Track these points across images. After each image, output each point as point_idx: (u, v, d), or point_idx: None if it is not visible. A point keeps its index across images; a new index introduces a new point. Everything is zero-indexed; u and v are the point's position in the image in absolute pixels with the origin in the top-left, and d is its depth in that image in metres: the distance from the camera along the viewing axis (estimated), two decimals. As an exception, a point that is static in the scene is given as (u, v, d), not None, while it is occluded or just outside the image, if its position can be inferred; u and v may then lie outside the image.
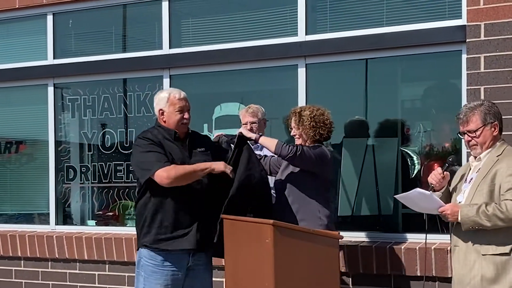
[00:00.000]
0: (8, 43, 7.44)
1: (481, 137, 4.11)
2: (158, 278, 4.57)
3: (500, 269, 3.97)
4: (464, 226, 3.97)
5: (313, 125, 4.87)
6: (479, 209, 3.92)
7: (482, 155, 4.14)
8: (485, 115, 4.10)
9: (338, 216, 6.07)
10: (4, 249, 6.96)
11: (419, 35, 5.56)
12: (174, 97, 4.64)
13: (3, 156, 7.51)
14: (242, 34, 6.31)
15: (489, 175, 4.02)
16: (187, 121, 4.65)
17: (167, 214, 4.57)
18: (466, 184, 4.17)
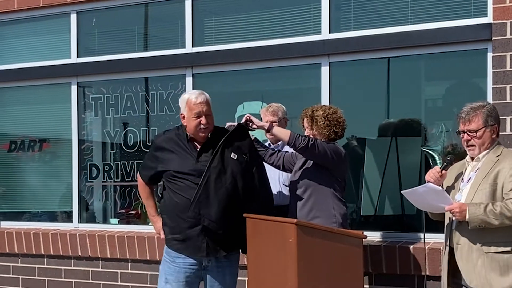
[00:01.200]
0: (32, 42, 7.48)
1: (481, 138, 4.15)
2: (171, 273, 4.61)
3: (502, 267, 4.01)
4: (472, 224, 3.99)
5: (327, 124, 4.86)
6: (486, 207, 3.95)
7: (481, 155, 4.18)
8: (487, 117, 4.15)
9: (361, 215, 6.04)
10: (27, 247, 7.00)
11: (444, 33, 5.52)
12: (191, 101, 4.54)
13: (27, 154, 7.56)
14: (265, 32, 6.29)
15: (491, 174, 4.07)
16: (204, 126, 4.52)
17: (171, 216, 4.60)
18: (464, 183, 4.22)
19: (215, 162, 4.47)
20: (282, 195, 5.52)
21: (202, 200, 4.43)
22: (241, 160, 4.56)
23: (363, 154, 6.04)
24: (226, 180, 4.48)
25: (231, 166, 4.51)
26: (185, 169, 4.50)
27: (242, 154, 4.59)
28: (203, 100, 4.54)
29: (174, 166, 4.54)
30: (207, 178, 4.43)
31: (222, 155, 4.50)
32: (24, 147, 7.53)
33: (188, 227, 4.50)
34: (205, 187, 4.44)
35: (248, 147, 4.69)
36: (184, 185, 4.49)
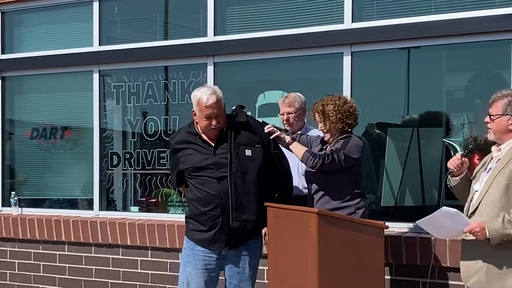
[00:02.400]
0: (54, 30, 7.50)
1: (495, 124, 4.10)
2: (191, 261, 4.66)
3: (507, 263, 3.95)
4: (494, 241, 3.92)
5: (339, 118, 4.81)
6: (503, 219, 3.88)
7: (503, 146, 4.12)
8: (507, 105, 4.08)
9: (381, 206, 6.02)
10: (48, 233, 7.05)
11: (468, 23, 5.47)
12: (202, 103, 4.53)
13: (49, 142, 7.59)
14: (287, 21, 6.26)
15: (508, 168, 4.00)
16: (214, 127, 4.54)
17: (193, 209, 4.66)
18: (484, 173, 4.16)
19: (234, 166, 4.50)
20: (301, 185, 5.52)
21: (239, 207, 4.50)
22: (256, 153, 4.59)
23: (384, 144, 6.01)
24: (252, 178, 4.55)
25: (250, 164, 4.55)
26: (204, 163, 4.55)
27: (255, 145, 4.61)
28: (214, 102, 4.51)
29: (192, 162, 4.59)
30: (234, 184, 4.48)
31: (238, 157, 4.53)
32: (45, 135, 7.56)
33: (207, 220, 4.56)
34: (236, 194, 4.49)
35: (260, 136, 4.69)
36: (205, 180, 4.54)
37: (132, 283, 6.66)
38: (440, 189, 5.76)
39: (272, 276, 4.61)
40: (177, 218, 6.47)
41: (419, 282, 5.52)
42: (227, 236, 4.52)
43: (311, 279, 4.11)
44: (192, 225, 4.66)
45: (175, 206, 6.68)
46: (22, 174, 7.75)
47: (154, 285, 6.60)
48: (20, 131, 7.73)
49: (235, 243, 4.57)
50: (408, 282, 5.55)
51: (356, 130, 5.88)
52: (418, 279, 5.51)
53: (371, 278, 4.27)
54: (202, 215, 4.57)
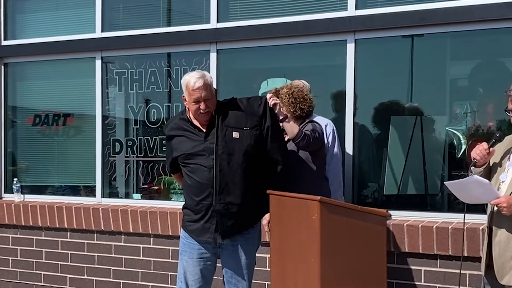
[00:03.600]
0: (57, 16, 7.49)
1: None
2: (186, 251, 4.66)
3: None
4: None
5: (292, 101, 4.97)
6: None
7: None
8: None
9: (384, 194, 6.01)
10: (51, 220, 7.05)
11: (471, 11, 5.44)
12: (190, 86, 4.48)
13: (51, 129, 7.59)
14: (290, 8, 6.23)
15: None
16: (204, 111, 4.48)
17: (186, 197, 4.69)
18: (510, 163, 4.02)
19: (220, 148, 4.46)
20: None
21: (223, 189, 4.45)
22: (244, 136, 4.52)
23: (387, 132, 5.99)
24: (238, 161, 4.48)
25: (237, 146, 4.49)
26: (195, 150, 4.52)
27: (244, 127, 4.54)
28: (201, 85, 4.45)
29: (184, 149, 4.57)
30: (219, 166, 4.44)
31: (224, 139, 4.48)
32: (48, 121, 7.56)
33: (199, 210, 4.54)
34: (221, 176, 4.44)
35: (251, 117, 4.59)
36: (196, 167, 4.52)
37: (134, 270, 6.67)
38: (443, 177, 5.76)
39: (274, 264, 4.61)
40: (179, 206, 6.40)
41: (421, 270, 5.52)
42: (217, 225, 4.50)
43: (313, 266, 4.11)
44: (186, 216, 4.66)
45: (177, 193, 6.67)
46: (24, 161, 7.75)
47: (156, 272, 6.61)
48: (22, 118, 7.73)
49: (228, 232, 4.54)
50: (410, 270, 5.56)
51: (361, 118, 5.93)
52: (420, 267, 5.52)
53: (373, 266, 4.27)
54: (195, 204, 4.56)
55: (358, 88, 5.94)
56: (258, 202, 4.57)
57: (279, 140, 4.70)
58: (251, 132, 4.53)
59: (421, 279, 5.54)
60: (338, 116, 6.04)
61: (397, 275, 5.60)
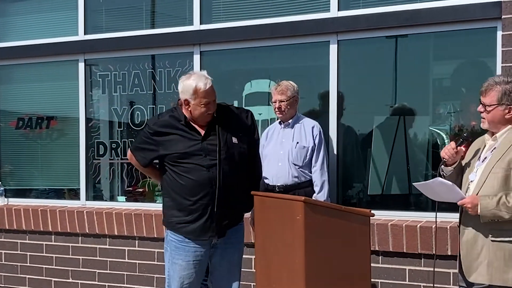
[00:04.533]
0: (39, 19, 7.46)
1: (490, 114, 4.03)
2: (181, 254, 4.60)
3: (508, 257, 3.92)
4: (483, 219, 3.91)
5: None
6: (499, 201, 3.85)
7: (498, 134, 4.05)
8: (502, 95, 4.00)
9: (368, 194, 6.04)
10: (35, 224, 7.03)
11: (454, 11, 5.48)
12: (200, 90, 4.41)
13: (34, 132, 7.56)
14: (273, 9, 6.25)
15: (506, 158, 3.93)
16: (210, 112, 4.48)
17: (177, 198, 4.56)
18: (479, 163, 4.09)
19: (223, 153, 4.46)
20: (291, 174, 5.52)
21: (228, 194, 4.46)
22: (242, 141, 4.56)
23: (371, 132, 6.02)
24: (238, 165, 4.52)
25: (237, 151, 4.51)
26: (190, 150, 4.47)
27: (240, 133, 4.57)
28: (211, 86, 4.44)
29: (177, 149, 4.49)
30: (222, 171, 4.43)
31: (226, 144, 4.49)
32: (31, 125, 7.53)
33: (195, 210, 4.49)
34: (224, 181, 4.44)
35: (243, 123, 4.64)
36: (192, 167, 4.46)
37: (120, 273, 6.66)
38: (427, 177, 5.79)
39: (259, 265, 4.61)
40: (164, 208, 6.47)
41: (405, 269, 5.55)
42: (216, 223, 4.50)
43: (297, 267, 4.12)
44: (175, 218, 4.56)
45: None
46: (8, 164, 7.72)
47: (141, 274, 6.60)
48: (5, 121, 7.69)
49: (223, 230, 4.55)
50: (395, 269, 5.58)
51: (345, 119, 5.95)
52: (405, 267, 5.55)
53: (357, 265, 4.29)
54: (190, 204, 4.48)
55: (341, 89, 5.97)
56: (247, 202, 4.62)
57: (259, 156, 4.85)
58: (244, 139, 4.58)
59: (405, 278, 5.57)
60: (323, 117, 6.06)
61: (382, 275, 5.63)
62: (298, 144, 5.53)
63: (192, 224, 4.51)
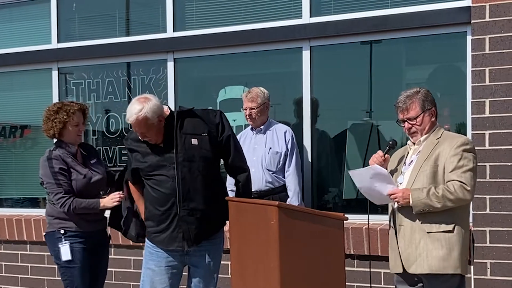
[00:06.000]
0: (12, 27, 7.44)
1: (421, 123, 4.23)
2: (154, 259, 4.62)
3: (444, 246, 4.08)
4: (416, 209, 4.06)
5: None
6: (429, 191, 4.03)
7: (422, 138, 4.26)
8: (423, 102, 4.22)
9: (343, 199, 6.07)
10: (10, 233, 6.98)
11: (424, 16, 5.56)
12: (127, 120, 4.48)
13: (8, 141, 7.52)
14: (246, 16, 6.29)
15: (432, 156, 4.14)
16: (143, 139, 4.48)
17: (151, 210, 4.59)
18: (406, 167, 4.28)
19: (181, 156, 4.44)
20: (264, 180, 5.55)
21: (186, 196, 4.44)
22: (203, 142, 4.49)
23: (345, 137, 6.06)
24: (198, 167, 4.46)
25: (197, 152, 4.46)
26: (156, 161, 4.48)
27: (202, 133, 4.50)
28: (133, 121, 4.37)
29: (147, 162, 4.51)
30: (180, 174, 4.43)
31: (184, 146, 4.45)
32: (5, 134, 7.49)
33: (164, 219, 4.51)
34: (183, 183, 4.43)
35: (208, 123, 4.55)
36: (160, 179, 4.48)
37: (96, 281, 6.63)
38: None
39: (234, 270, 4.62)
40: (140, 215, 6.45)
41: (380, 272, 5.59)
42: (184, 233, 4.51)
43: (272, 271, 4.13)
44: (151, 228, 4.60)
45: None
46: (-18, 174, 7.67)
47: (117, 282, 6.59)
48: (-21, 130, 7.65)
49: (194, 240, 4.54)
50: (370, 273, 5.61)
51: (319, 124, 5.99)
52: (380, 270, 5.59)
53: (332, 269, 4.30)
54: (159, 215, 4.52)
55: (315, 95, 6.01)
56: (222, 208, 4.59)
57: (240, 149, 4.74)
58: (209, 138, 4.53)
59: (380, 281, 5.61)
60: (297, 123, 6.10)
61: (358, 278, 5.67)
62: (271, 149, 5.56)
63: (162, 234, 4.54)
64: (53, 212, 5.03)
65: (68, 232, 4.97)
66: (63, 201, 4.88)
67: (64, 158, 4.95)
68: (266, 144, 5.59)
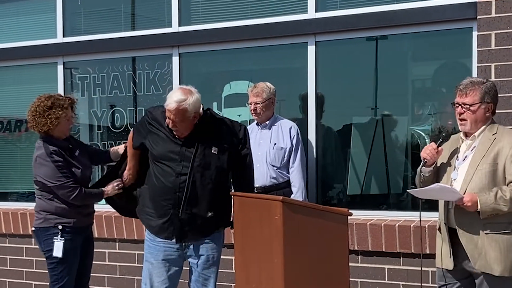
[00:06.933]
0: (17, 21, 7.44)
1: (474, 113, 4.10)
2: (152, 253, 4.64)
3: (503, 248, 4.00)
4: (484, 214, 3.97)
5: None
6: (496, 195, 3.93)
7: (477, 133, 4.14)
8: (484, 93, 4.09)
9: (348, 195, 6.07)
10: (15, 227, 7.00)
11: (430, 12, 5.53)
12: (166, 104, 4.45)
13: (13, 135, 7.54)
14: (251, 11, 6.28)
15: (490, 154, 4.02)
16: (172, 128, 4.51)
17: (152, 198, 4.61)
18: (459, 162, 4.17)
19: (197, 160, 4.45)
20: (268, 175, 5.54)
21: (192, 200, 4.45)
22: (222, 152, 4.50)
23: (350, 133, 6.05)
24: (211, 175, 4.48)
25: (214, 161, 4.48)
26: (170, 152, 4.49)
27: (224, 144, 4.52)
28: (173, 108, 4.36)
29: (159, 147, 4.52)
30: (192, 177, 4.44)
31: (203, 152, 4.46)
32: (10, 128, 7.50)
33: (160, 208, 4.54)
34: (193, 187, 4.44)
35: (232, 136, 4.59)
36: (166, 171, 4.49)
37: (100, 275, 6.65)
38: (405, 177, 5.84)
39: (238, 265, 4.62)
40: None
41: (384, 268, 5.59)
42: (175, 228, 4.51)
43: (276, 266, 4.13)
44: (147, 208, 4.63)
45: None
46: (-13, 168, 7.69)
47: (122, 277, 6.60)
48: (-16, 125, 7.67)
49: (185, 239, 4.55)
50: (374, 269, 5.62)
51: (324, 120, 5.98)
52: (384, 266, 5.59)
53: (336, 264, 4.30)
54: (155, 202, 4.56)
55: (320, 90, 6.00)
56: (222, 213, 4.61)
57: (252, 168, 4.76)
58: (229, 150, 4.54)
59: (384, 277, 5.61)
60: (302, 118, 6.09)
61: (361, 274, 5.66)
62: (276, 145, 5.55)
63: (155, 219, 4.58)
64: (50, 208, 4.98)
65: (66, 228, 4.96)
66: (75, 192, 4.88)
67: (61, 152, 4.95)
68: (271, 139, 5.59)
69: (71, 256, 4.98)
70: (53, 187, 4.90)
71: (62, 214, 4.96)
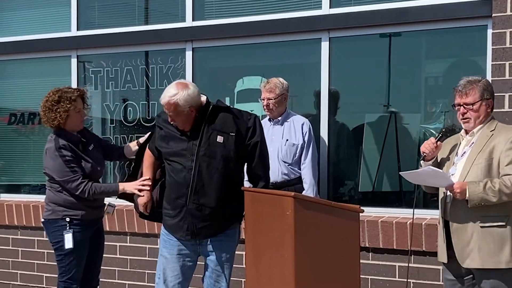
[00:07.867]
0: (32, 14, 7.46)
1: (477, 111, 4.19)
2: (167, 247, 4.67)
3: (497, 241, 4.06)
4: (471, 203, 4.03)
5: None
6: (485, 185, 4.00)
7: (475, 130, 4.23)
8: (483, 90, 4.19)
9: (359, 191, 6.06)
10: (27, 219, 7.03)
11: (444, 9, 5.52)
12: (161, 98, 4.53)
13: (26, 128, 7.56)
14: (265, 6, 6.27)
15: (486, 149, 4.11)
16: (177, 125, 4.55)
17: (166, 195, 4.66)
18: (458, 157, 4.26)
19: (202, 150, 4.45)
20: (280, 171, 5.54)
21: (199, 190, 4.45)
22: (229, 141, 4.48)
23: (362, 130, 6.04)
24: (218, 165, 4.46)
25: (220, 150, 4.46)
26: (179, 148, 4.50)
27: (230, 132, 4.49)
28: (165, 102, 4.42)
29: (169, 146, 4.55)
30: (198, 167, 4.44)
31: (208, 141, 4.46)
32: (24, 120, 7.53)
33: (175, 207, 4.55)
34: (199, 177, 4.44)
35: (239, 124, 4.54)
36: (177, 167, 4.51)
37: (111, 269, 6.67)
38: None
39: (249, 260, 4.63)
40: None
41: (395, 266, 5.58)
42: (188, 225, 4.52)
43: (287, 262, 4.13)
44: (165, 209, 4.65)
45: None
46: (0, 160, 7.71)
47: (133, 270, 6.62)
48: (-2, 117, 7.71)
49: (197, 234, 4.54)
50: (385, 266, 5.61)
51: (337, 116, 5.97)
52: (395, 263, 5.58)
53: (347, 261, 4.29)
54: (170, 199, 4.59)
55: (333, 86, 5.99)
56: (235, 207, 4.60)
57: (266, 158, 4.71)
58: (235, 138, 4.51)
59: (395, 275, 5.60)
60: (314, 114, 6.08)
61: (372, 271, 5.66)
62: (288, 141, 5.55)
63: (172, 219, 4.59)
64: (58, 200, 5.00)
65: (74, 220, 4.97)
66: (82, 187, 4.89)
67: (71, 147, 4.95)
68: (283, 135, 5.58)
69: (79, 248, 5.00)
70: (60, 181, 4.92)
71: (70, 206, 4.97)
